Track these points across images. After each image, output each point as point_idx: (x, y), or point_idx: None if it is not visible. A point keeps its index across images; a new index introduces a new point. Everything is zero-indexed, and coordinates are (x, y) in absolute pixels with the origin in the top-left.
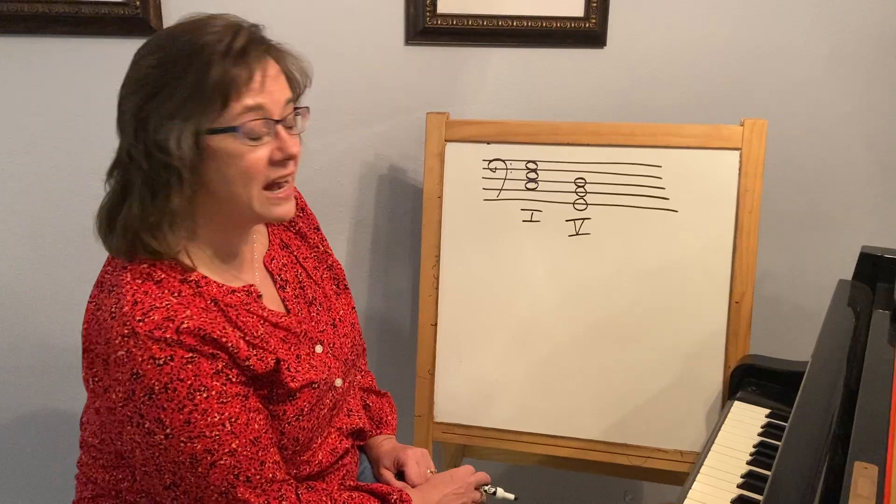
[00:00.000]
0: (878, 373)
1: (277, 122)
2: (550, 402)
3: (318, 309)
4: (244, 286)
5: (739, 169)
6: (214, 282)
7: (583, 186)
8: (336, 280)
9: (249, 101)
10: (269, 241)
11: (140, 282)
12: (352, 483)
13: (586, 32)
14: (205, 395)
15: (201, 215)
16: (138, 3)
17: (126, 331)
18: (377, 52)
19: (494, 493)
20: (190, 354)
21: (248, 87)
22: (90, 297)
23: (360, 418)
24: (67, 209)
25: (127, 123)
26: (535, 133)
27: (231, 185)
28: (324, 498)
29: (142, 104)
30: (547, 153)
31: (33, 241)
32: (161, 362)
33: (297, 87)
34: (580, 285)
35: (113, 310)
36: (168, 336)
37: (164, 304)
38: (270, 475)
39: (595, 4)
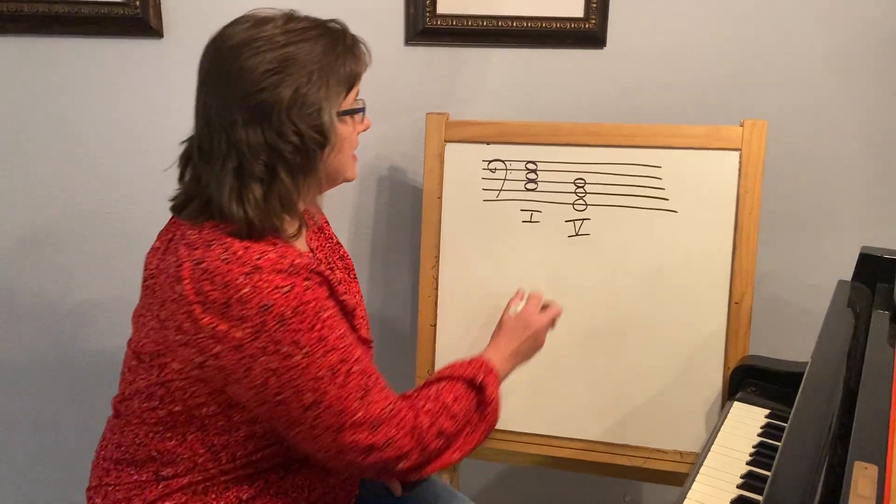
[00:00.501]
0: (877, 373)
1: None
2: (550, 402)
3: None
4: (305, 252)
5: (739, 170)
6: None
7: (582, 187)
8: (347, 270)
9: (358, 87)
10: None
11: (238, 235)
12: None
13: (586, 33)
14: (327, 313)
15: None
16: (138, 3)
17: (248, 269)
18: (377, 53)
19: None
20: (307, 282)
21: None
22: (178, 256)
23: None
24: (66, 208)
25: (271, 108)
26: (534, 134)
27: (340, 155)
28: (416, 400)
29: (296, 89)
30: (546, 154)
31: (31, 241)
32: (286, 290)
33: None
34: (580, 286)
35: (224, 257)
36: (286, 268)
37: (272, 247)
38: (384, 381)
39: (595, 5)
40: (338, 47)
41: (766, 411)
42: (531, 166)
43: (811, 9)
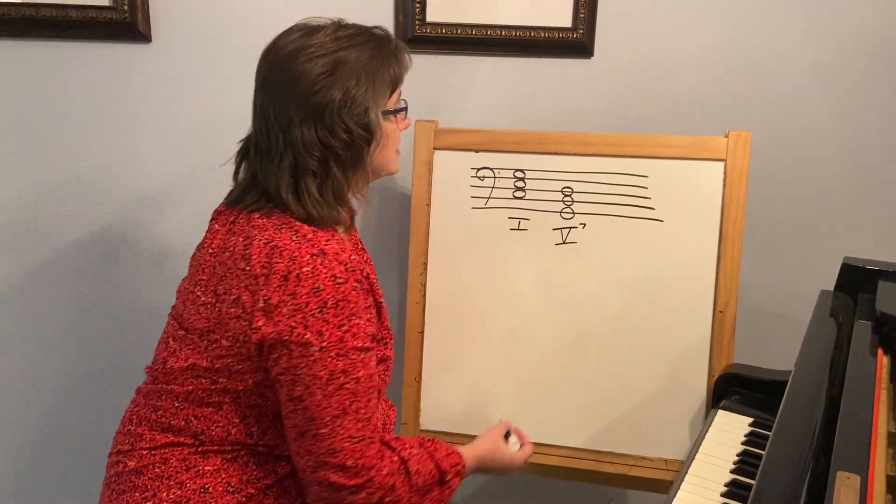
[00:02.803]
0: (860, 382)
1: None
2: (536, 410)
3: None
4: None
5: (724, 180)
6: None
7: (570, 195)
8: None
9: (400, 88)
10: None
11: (305, 222)
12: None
13: (574, 43)
14: (358, 321)
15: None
16: (126, 7)
17: (315, 250)
18: None
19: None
20: (357, 284)
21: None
22: (247, 236)
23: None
24: (54, 211)
25: (325, 108)
26: (522, 142)
27: (385, 151)
28: (391, 454)
29: (346, 91)
30: (534, 162)
31: (18, 245)
32: (340, 281)
33: None
34: (566, 294)
35: (294, 238)
36: (346, 262)
37: (332, 238)
38: (370, 414)
39: (583, 15)
40: (382, 52)
41: (750, 419)
42: (519, 174)
43: (797, 22)
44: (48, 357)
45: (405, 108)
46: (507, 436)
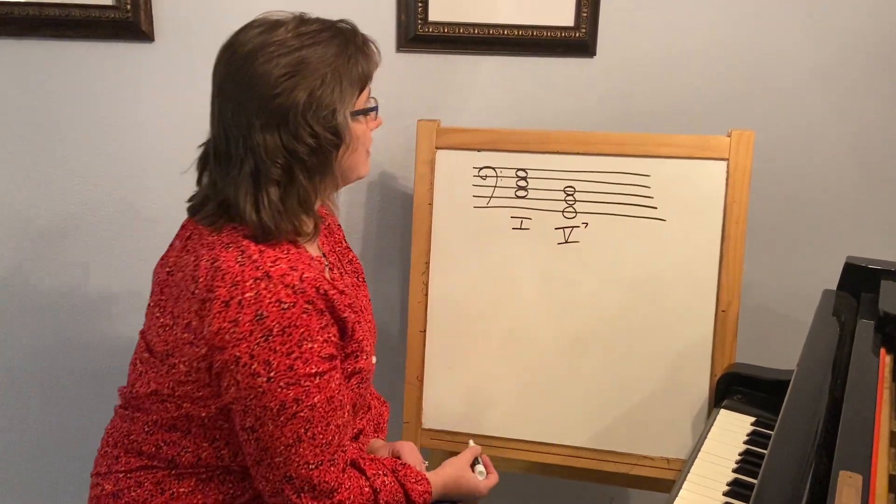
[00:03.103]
0: (862, 382)
1: None
2: (538, 409)
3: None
4: (317, 256)
5: (727, 179)
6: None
7: (572, 195)
8: (356, 274)
9: (370, 86)
10: None
11: (255, 239)
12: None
13: (576, 42)
14: (310, 345)
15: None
16: (129, 6)
17: (259, 273)
18: None
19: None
20: (308, 305)
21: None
22: (197, 256)
23: (371, 416)
24: (56, 211)
25: (288, 111)
26: (524, 141)
27: (355, 154)
28: (362, 483)
29: (310, 92)
30: (537, 161)
31: (19, 246)
32: (285, 307)
33: None
34: (569, 293)
35: (239, 259)
36: (295, 283)
37: (285, 255)
38: (331, 437)
39: (585, 14)
40: (349, 48)
41: (752, 419)
42: (521, 174)
43: (799, 21)
44: (48, 357)
45: (375, 108)
46: (474, 463)
